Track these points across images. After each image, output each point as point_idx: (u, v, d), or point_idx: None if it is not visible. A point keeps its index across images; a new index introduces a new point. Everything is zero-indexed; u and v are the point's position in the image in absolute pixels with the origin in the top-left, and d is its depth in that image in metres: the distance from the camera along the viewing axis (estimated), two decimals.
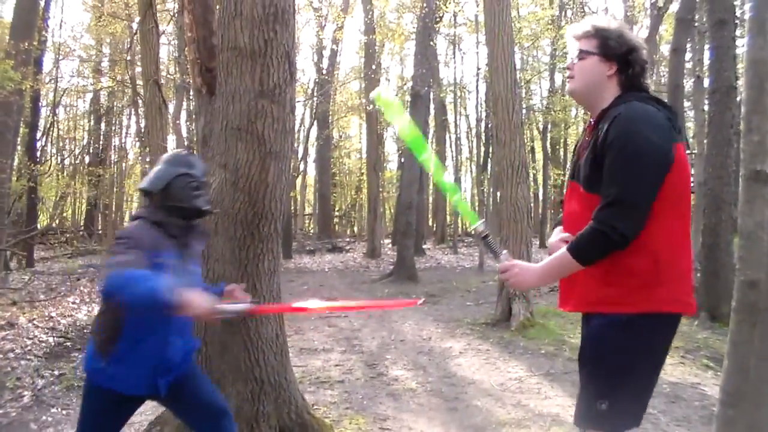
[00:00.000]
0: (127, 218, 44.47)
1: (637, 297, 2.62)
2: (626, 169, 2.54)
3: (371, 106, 25.23)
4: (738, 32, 12.19)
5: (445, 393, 6.65)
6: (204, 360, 4.59)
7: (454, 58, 37.77)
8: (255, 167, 4.45)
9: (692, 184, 3.18)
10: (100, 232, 35.03)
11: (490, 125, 31.59)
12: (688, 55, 16.66)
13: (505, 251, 2.89)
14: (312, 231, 40.53)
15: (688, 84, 17.91)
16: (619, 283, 2.65)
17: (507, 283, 2.91)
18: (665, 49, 34.34)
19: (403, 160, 25.64)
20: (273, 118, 4.50)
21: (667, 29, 31.99)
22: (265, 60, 4.47)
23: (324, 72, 28.20)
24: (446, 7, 23.81)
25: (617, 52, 2.85)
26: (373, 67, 26.41)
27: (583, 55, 2.94)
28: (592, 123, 2.92)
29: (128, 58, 18.79)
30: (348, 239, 38.00)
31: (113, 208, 37.65)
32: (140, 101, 18.47)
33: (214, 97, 4.67)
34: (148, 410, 5.91)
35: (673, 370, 7.60)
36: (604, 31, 2.89)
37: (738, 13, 13.37)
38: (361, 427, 5.42)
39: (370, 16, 25.72)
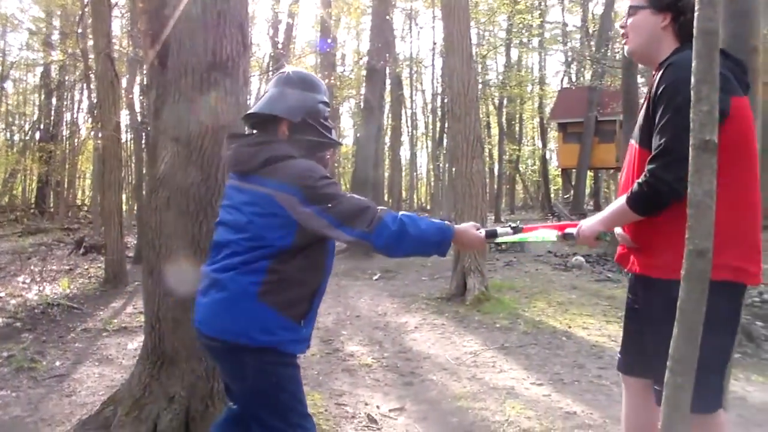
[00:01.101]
0: (80, 195, 43.77)
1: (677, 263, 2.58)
2: (675, 119, 2.50)
3: (328, 81, 25.07)
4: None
5: (401, 368, 6.66)
6: (156, 337, 4.53)
7: (410, 32, 37.67)
8: (208, 141, 4.37)
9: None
10: (52, 209, 34.47)
11: (446, 100, 31.64)
12: None
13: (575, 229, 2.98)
14: None
15: None
16: (669, 246, 2.62)
17: (580, 240, 2.95)
18: (618, 26, 34.59)
19: (358, 135, 25.59)
20: (226, 90, 4.42)
21: (621, 7, 32.22)
22: (218, 31, 4.38)
23: (279, 46, 27.90)
24: None
25: (667, 1, 2.80)
26: (329, 41, 26.18)
27: (633, 10, 2.90)
28: (653, 76, 2.88)
29: (79, 30, 18.40)
30: None
31: (65, 185, 36.98)
32: (92, 75, 18.15)
33: (166, 69, 4.56)
34: (101, 390, 5.86)
35: None
36: None
37: None
38: (317, 403, 5.41)
39: None
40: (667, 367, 1.83)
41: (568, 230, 3.01)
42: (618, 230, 3.10)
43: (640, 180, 2.61)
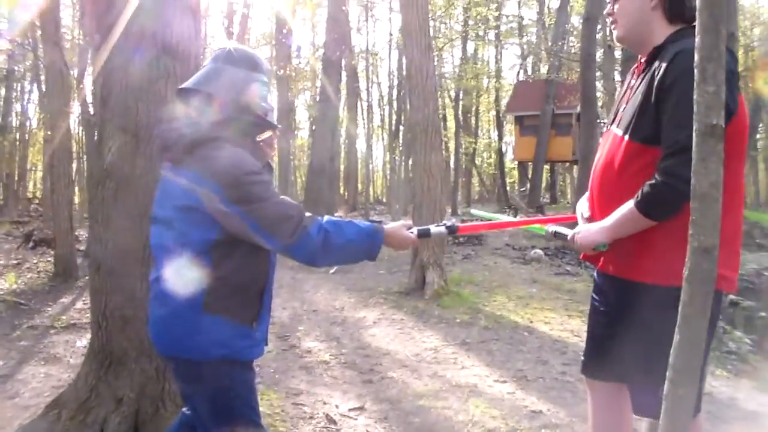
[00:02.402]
0: (32, 188, 42.88)
1: (672, 267, 2.39)
2: (689, 111, 2.34)
3: (282, 72, 24.81)
4: None
5: (360, 365, 6.49)
6: (104, 336, 4.30)
7: (366, 24, 37.42)
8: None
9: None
10: (2, 202, 33.66)
11: (402, 93, 31.55)
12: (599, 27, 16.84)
13: (570, 231, 2.82)
14: None
15: (599, 53, 18.07)
16: (663, 248, 2.54)
17: (576, 247, 2.79)
18: (575, 20, 34.83)
19: (314, 127, 25.37)
20: (177, 77, 4.19)
21: (577, 0, 32.40)
22: (168, 15, 4.15)
23: (234, 37, 27.51)
24: None
25: None
26: (284, 31, 25.90)
27: None
28: (641, 63, 2.75)
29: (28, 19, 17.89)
30: None
31: (15, 178, 36.12)
32: (41, 65, 17.69)
33: (112, 55, 4.33)
34: (47, 391, 5.59)
35: None
36: None
37: None
38: (273, 403, 5.21)
39: None
40: (667, 377, 1.66)
41: (560, 230, 2.88)
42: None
43: (654, 181, 2.44)
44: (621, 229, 2.62)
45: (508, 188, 41.11)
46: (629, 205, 2.53)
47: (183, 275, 2.60)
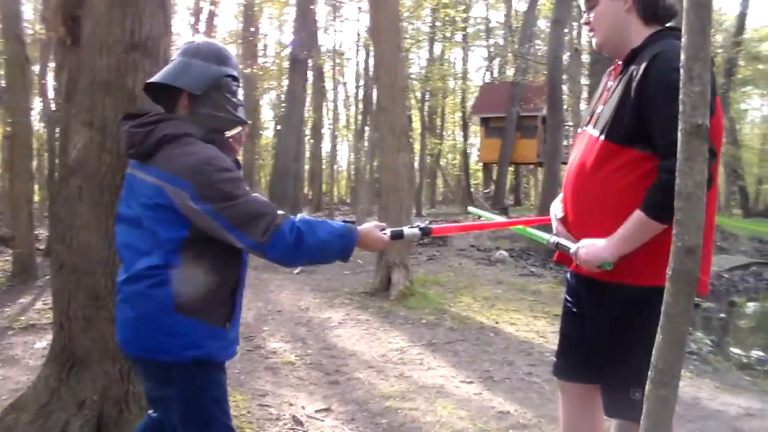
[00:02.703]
0: None
1: (652, 268, 2.45)
2: None
3: (251, 71, 24.66)
4: None
5: (326, 366, 6.45)
6: (66, 337, 4.20)
7: (334, 24, 37.39)
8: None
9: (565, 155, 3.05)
10: None
11: (368, 93, 31.54)
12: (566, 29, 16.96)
13: (573, 245, 2.69)
14: None
15: (566, 56, 18.20)
16: (636, 249, 2.52)
17: (581, 264, 2.65)
18: (542, 23, 35.10)
19: (279, 127, 25.27)
20: (145, 72, 4.09)
21: (545, 3, 32.60)
22: (138, 9, 4.06)
23: (201, 34, 27.33)
24: None
25: None
26: (252, 30, 25.75)
27: (593, 2, 2.77)
28: (618, 65, 2.74)
29: None
30: None
31: None
32: (2, 59, 17.38)
33: (79, 49, 4.24)
34: (4, 394, 5.47)
35: (555, 338, 7.58)
36: None
37: None
38: (239, 405, 5.15)
39: None
40: (649, 378, 1.66)
41: (562, 243, 2.79)
42: (560, 229, 2.96)
43: (660, 183, 2.38)
44: (631, 242, 2.53)
45: (472, 190, 41.28)
46: (637, 215, 2.48)
47: (157, 280, 2.55)
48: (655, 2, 2.66)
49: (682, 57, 1.60)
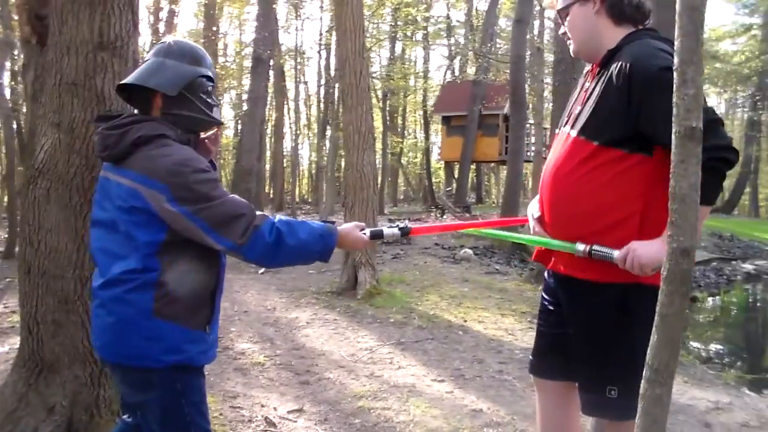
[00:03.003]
0: None
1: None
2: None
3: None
4: None
5: (296, 366, 6.41)
6: (34, 341, 4.13)
7: (296, 22, 37.23)
8: (93, 127, 3.98)
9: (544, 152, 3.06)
10: None
11: (330, 92, 31.49)
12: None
13: (615, 251, 2.53)
14: None
15: (528, 55, 18.32)
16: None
17: (636, 269, 2.47)
18: (503, 22, 35.35)
19: (242, 126, 25.11)
20: (114, 73, 4.05)
21: (505, 2, 32.80)
22: (106, 8, 4.00)
23: (161, 34, 27.05)
24: None
25: None
26: (214, 28, 25.57)
27: (564, 12, 2.80)
28: (593, 68, 2.77)
29: None
30: None
31: None
32: None
33: (45, 48, 4.17)
34: None
35: (524, 336, 7.71)
36: None
37: None
38: (210, 407, 5.03)
39: None
40: (644, 377, 1.67)
41: (599, 250, 2.57)
42: (537, 229, 2.97)
43: (709, 165, 2.21)
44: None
45: (434, 188, 41.44)
46: None
47: (135, 285, 2.51)
48: (621, 1, 2.69)
49: (675, 60, 1.61)
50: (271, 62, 25.63)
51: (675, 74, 1.60)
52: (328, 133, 33.04)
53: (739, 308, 15.36)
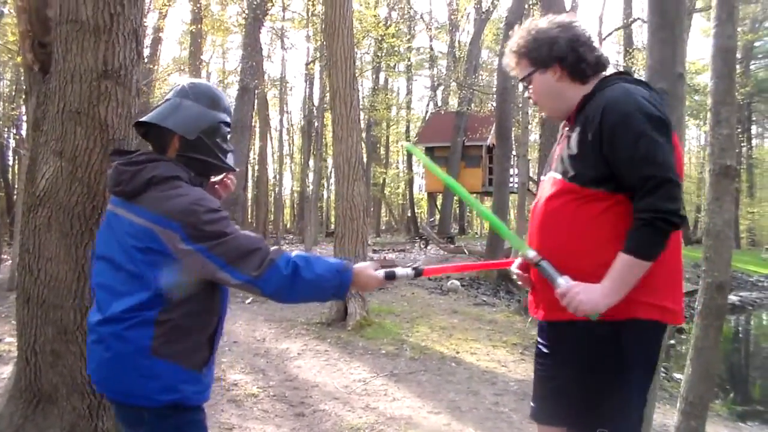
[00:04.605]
0: None
1: (619, 303, 2.45)
2: (647, 147, 2.37)
3: None
4: None
5: (290, 397, 6.35)
6: (32, 372, 4.06)
7: (281, 51, 37.44)
8: (96, 155, 3.96)
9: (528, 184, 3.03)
10: None
11: (316, 123, 31.55)
12: None
13: (565, 276, 2.53)
14: None
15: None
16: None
17: (572, 308, 2.49)
18: (485, 53, 35.61)
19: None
20: (117, 101, 4.03)
21: (487, 34, 33.07)
22: (111, 37, 3.99)
23: (146, 62, 27.02)
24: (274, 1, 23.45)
25: (544, 57, 2.72)
26: (201, 57, 25.59)
27: (528, 80, 2.82)
28: (566, 123, 2.79)
29: None
30: None
31: None
32: None
33: (48, 76, 4.15)
34: None
35: (516, 367, 7.68)
36: (523, 48, 2.77)
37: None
38: None
39: (197, 5, 24.82)
40: (679, 410, 1.67)
41: (546, 267, 2.61)
42: (517, 271, 2.96)
43: (641, 222, 2.37)
44: (625, 286, 2.45)
45: (417, 219, 41.48)
46: (625, 259, 2.42)
47: (134, 322, 2.48)
48: (579, 65, 2.70)
49: (710, 102, 1.62)
50: (256, 91, 25.64)
51: (710, 114, 1.61)
52: (312, 163, 33.09)
53: (725, 339, 15.40)
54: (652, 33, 3.32)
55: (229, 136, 2.82)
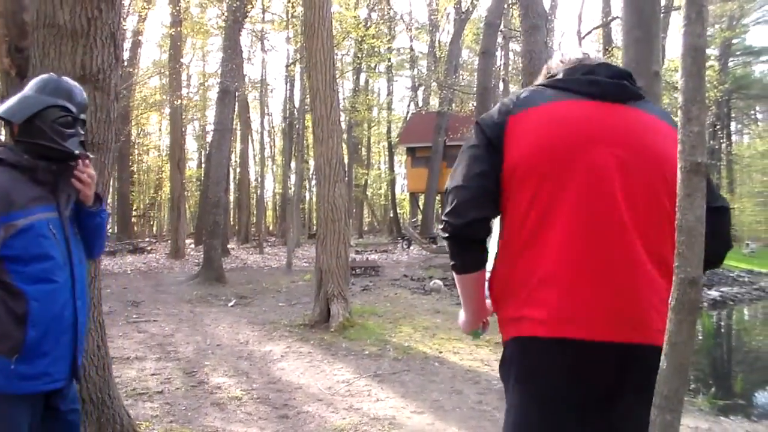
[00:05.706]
0: None
1: (501, 317, 2.21)
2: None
3: (177, 102, 24.40)
4: (548, 38, 12.62)
5: (273, 400, 6.34)
6: None
7: (261, 54, 37.36)
8: None
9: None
10: None
11: (294, 124, 31.53)
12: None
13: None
14: (111, 231, 38.66)
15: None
16: (498, 307, 2.24)
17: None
18: (465, 53, 35.71)
19: (210, 157, 24.97)
20: (96, 105, 4.04)
21: (467, 34, 33.15)
22: (88, 41, 4.00)
23: (125, 65, 26.92)
24: (253, 3, 23.40)
25: None
26: (182, 60, 25.51)
27: None
28: None
29: None
30: (149, 239, 36.41)
31: None
32: None
33: (25, 81, 4.13)
34: None
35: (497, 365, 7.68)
36: None
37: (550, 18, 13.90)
38: None
39: (177, 8, 24.75)
40: (654, 404, 1.68)
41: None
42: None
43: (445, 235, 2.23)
44: (465, 301, 2.37)
45: (399, 219, 41.53)
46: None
47: None
48: None
49: (681, 99, 1.64)
50: (237, 93, 25.62)
51: (680, 112, 1.64)
52: (293, 164, 33.07)
53: (706, 334, 15.52)
54: (626, 32, 3.36)
55: (70, 122, 2.81)
